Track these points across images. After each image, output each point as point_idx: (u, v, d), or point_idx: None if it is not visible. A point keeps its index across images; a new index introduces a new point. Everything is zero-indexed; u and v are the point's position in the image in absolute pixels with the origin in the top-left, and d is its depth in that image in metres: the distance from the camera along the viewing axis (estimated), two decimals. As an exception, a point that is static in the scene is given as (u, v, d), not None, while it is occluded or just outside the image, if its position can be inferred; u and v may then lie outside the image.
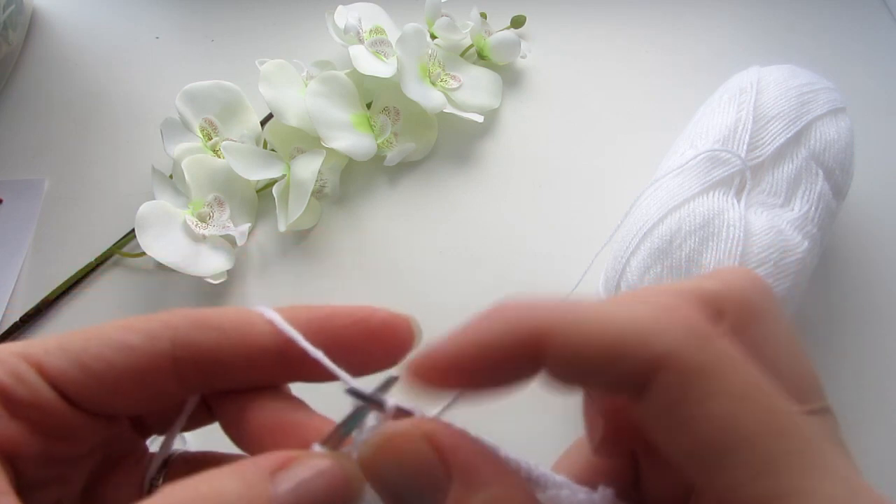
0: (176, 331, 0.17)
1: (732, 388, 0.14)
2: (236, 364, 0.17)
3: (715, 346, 0.14)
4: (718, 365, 0.14)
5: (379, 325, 0.18)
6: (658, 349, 0.14)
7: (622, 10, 0.55)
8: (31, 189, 0.47)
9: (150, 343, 0.17)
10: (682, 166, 0.37)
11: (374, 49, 0.47)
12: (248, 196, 0.45)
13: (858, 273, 0.43)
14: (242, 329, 0.17)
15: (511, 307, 0.16)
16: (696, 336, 0.14)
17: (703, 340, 0.14)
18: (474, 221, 0.45)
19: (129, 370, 0.17)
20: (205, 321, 0.17)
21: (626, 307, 0.15)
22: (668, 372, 0.14)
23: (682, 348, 0.14)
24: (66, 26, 0.56)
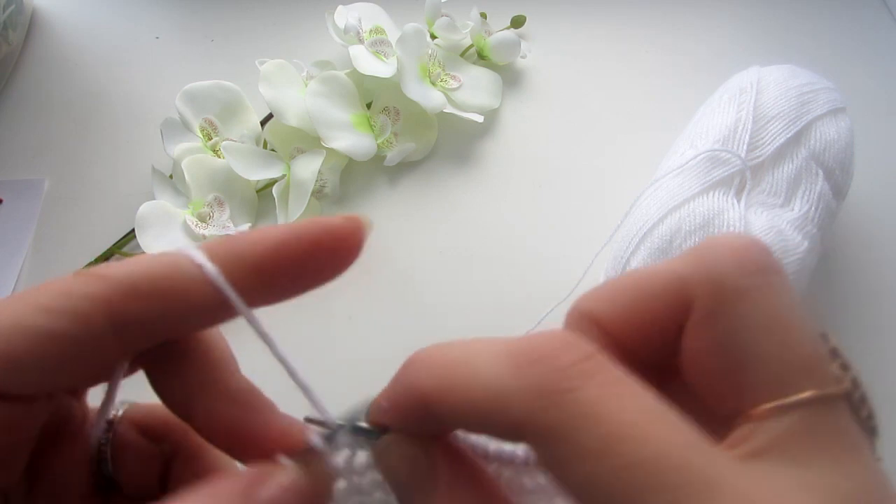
0: (110, 306, 0.15)
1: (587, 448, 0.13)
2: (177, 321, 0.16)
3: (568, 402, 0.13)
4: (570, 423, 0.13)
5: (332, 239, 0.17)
6: (516, 416, 0.14)
7: (622, 10, 0.55)
8: (31, 189, 0.47)
9: (84, 327, 0.15)
10: (682, 166, 0.37)
11: (374, 49, 0.47)
12: (248, 196, 0.45)
13: (858, 273, 0.43)
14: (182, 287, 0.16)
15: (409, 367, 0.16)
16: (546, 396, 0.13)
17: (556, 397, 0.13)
18: (474, 221, 0.45)
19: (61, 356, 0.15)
20: (139, 287, 0.16)
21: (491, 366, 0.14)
22: (531, 437, 0.14)
23: (533, 413, 0.13)
24: (66, 26, 0.56)
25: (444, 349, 0.16)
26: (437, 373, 0.15)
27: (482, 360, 0.15)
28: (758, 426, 0.14)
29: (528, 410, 0.13)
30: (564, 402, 0.13)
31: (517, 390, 0.14)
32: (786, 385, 0.14)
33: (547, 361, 0.14)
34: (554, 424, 0.13)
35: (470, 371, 0.15)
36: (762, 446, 0.14)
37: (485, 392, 0.14)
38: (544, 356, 0.14)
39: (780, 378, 0.14)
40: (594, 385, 0.13)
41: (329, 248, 0.17)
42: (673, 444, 0.13)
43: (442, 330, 0.41)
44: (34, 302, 0.15)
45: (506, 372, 0.14)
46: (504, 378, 0.14)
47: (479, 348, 0.15)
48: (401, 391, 0.16)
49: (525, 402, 0.13)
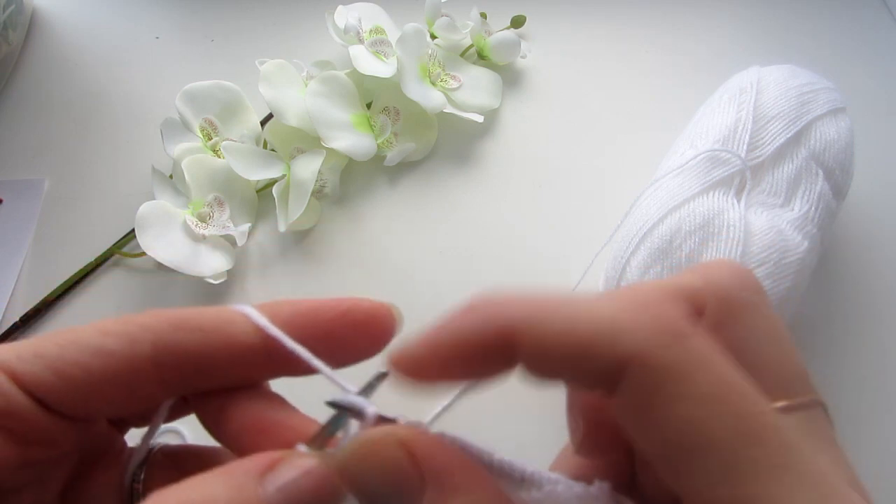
0: (156, 334, 0.17)
1: (700, 391, 0.13)
2: (218, 365, 0.17)
3: (686, 346, 0.14)
4: (687, 365, 0.14)
5: (362, 317, 0.18)
6: (626, 348, 0.14)
7: (622, 10, 0.55)
8: (31, 189, 0.47)
9: (129, 347, 0.16)
10: (682, 166, 0.37)
11: (374, 49, 0.47)
12: (248, 196, 0.45)
13: (858, 273, 0.43)
14: (224, 329, 0.17)
15: (486, 302, 0.16)
16: (667, 334, 0.14)
17: (673, 339, 0.14)
18: (474, 221, 0.45)
19: (108, 375, 0.16)
20: (185, 323, 0.17)
21: (599, 304, 0.15)
22: (637, 371, 0.14)
23: (652, 347, 0.14)
24: (66, 26, 0.56)
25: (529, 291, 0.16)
26: (532, 305, 0.15)
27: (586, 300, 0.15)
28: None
29: (648, 345, 0.14)
30: (685, 345, 0.14)
31: (636, 326, 0.14)
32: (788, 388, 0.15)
33: (662, 307, 0.14)
34: (673, 362, 0.13)
35: (573, 306, 0.15)
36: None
37: (595, 325, 0.14)
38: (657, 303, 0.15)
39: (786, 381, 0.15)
40: (703, 338, 0.14)
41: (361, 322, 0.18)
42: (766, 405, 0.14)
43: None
44: (93, 325, 0.17)
45: (620, 309, 0.14)
46: (618, 314, 0.14)
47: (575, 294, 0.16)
48: (474, 322, 0.15)
49: (644, 337, 0.14)
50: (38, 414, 0.16)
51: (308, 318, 0.18)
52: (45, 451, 0.17)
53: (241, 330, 0.17)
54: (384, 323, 0.18)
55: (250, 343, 0.17)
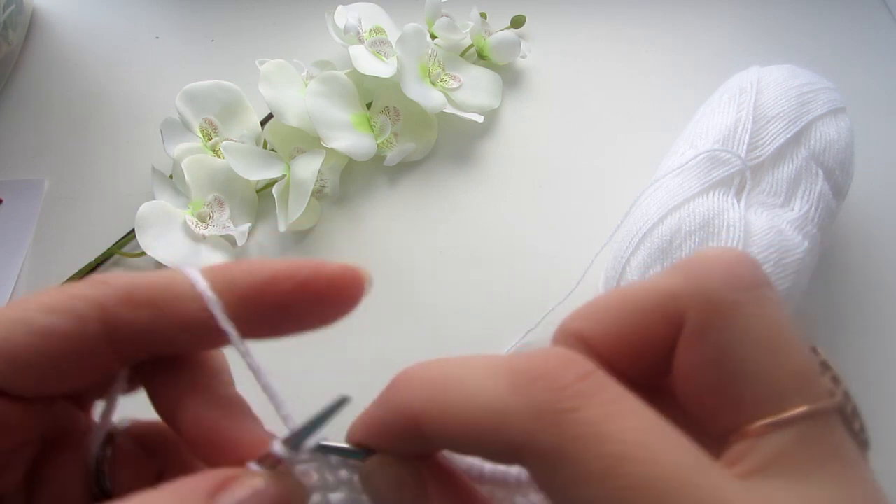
0: (105, 310, 0.16)
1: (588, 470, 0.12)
2: (170, 336, 0.17)
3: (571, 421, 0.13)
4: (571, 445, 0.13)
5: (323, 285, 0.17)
6: (514, 437, 0.13)
7: (622, 10, 0.55)
8: (31, 189, 0.47)
9: (79, 326, 0.16)
10: (682, 166, 0.37)
11: (374, 49, 0.47)
12: (248, 196, 0.45)
13: (858, 273, 0.43)
14: (174, 302, 0.16)
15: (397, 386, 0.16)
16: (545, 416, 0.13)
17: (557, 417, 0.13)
18: (474, 221, 0.45)
19: (59, 355, 0.16)
20: (134, 296, 0.16)
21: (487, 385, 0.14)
22: (529, 457, 0.13)
23: (536, 431, 0.13)
24: (66, 26, 0.56)
25: (435, 366, 0.15)
26: (429, 392, 0.15)
27: (477, 378, 0.14)
28: (754, 443, 0.14)
29: (528, 431, 0.13)
30: (566, 422, 0.13)
31: (516, 410, 0.13)
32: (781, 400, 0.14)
33: (546, 380, 0.14)
34: (555, 446, 0.13)
35: (464, 390, 0.14)
36: (760, 464, 0.13)
37: (480, 412, 0.14)
38: (543, 374, 0.14)
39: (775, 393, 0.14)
40: (595, 404, 0.13)
41: (321, 291, 0.17)
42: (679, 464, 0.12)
43: (442, 329, 0.41)
44: (38, 301, 0.16)
45: (503, 391, 0.14)
46: (501, 397, 0.14)
47: (474, 365, 0.15)
48: (389, 410, 0.16)
49: (524, 422, 0.13)
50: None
51: (264, 288, 0.17)
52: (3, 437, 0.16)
53: (192, 305, 0.16)
54: (349, 290, 0.17)
55: (202, 318, 0.16)
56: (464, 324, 0.41)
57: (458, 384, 0.14)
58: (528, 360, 0.14)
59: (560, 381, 0.13)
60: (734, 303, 0.14)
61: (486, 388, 0.14)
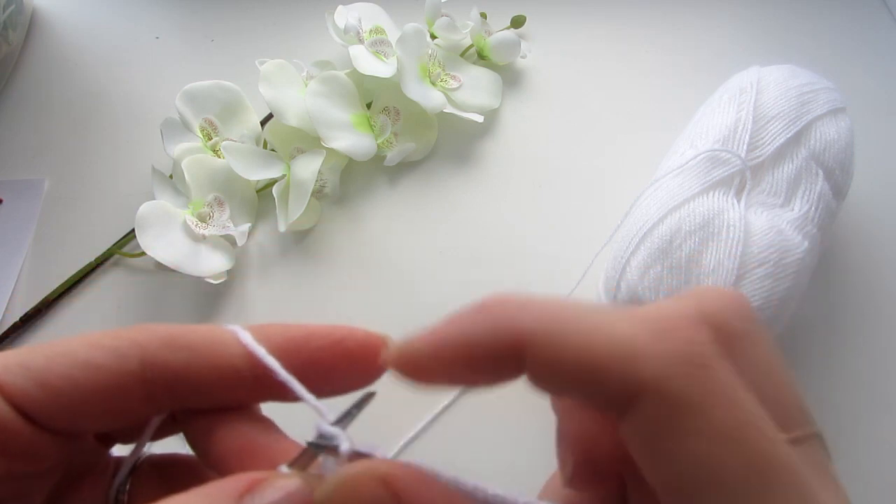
0: (145, 350, 0.16)
1: (717, 426, 0.13)
2: (207, 384, 0.17)
3: (707, 377, 0.13)
4: (707, 399, 0.13)
5: (355, 347, 0.17)
6: (644, 373, 0.13)
7: (622, 10, 0.55)
8: (31, 189, 0.47)
9: (118, 362, 0.16)
10: (682, 166, 0.37)
11: (374, 49, 0.47)
12: (248, 196, 0.45)
13: (858, 273, 0.43)
14: (214, 349, 0.17)
15: (498, 304, 0.15)
16: (689, 364, 0.13)
17: (696, 370, 0.13)
18: (474, 221, 0.45)
19: (95, 390, 0.16)
20: (175, 340, 0.17)
21: (620, 321, 0.14)
22: (652, 399, 0.13)
23: (673, 377, 0.13)
24: (66, 26, 0.56)
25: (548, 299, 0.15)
26: (549, 315, 0.14)
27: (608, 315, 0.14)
28: None
29: (663, 374, 0.13)
30: (706, 376, 0.13)
31: (654, 351, 0.13)
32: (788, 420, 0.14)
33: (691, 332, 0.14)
34: (691, 394, 0.13)
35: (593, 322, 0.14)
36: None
37: (611, 345, 0.14)
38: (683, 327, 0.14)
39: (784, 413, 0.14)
40: (725, 368, 0.14)
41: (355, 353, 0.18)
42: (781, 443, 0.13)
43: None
44: (82, 337, 0.17)
45: (642, 331, 0.14)
46: (639, 336, 0.14)
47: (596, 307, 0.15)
48: (486, 327, 0.15)
49: (662, 364, 0.13)
50: (23, 427, 0.16)
51: (299, 345, 0.17)
52: (28, 464, 0.16)
53: (231, 352, 0.17)
54: (377, 354, 0.17)
55: (239, 366, 0.17)
56: (464, 324, 0.41)
57: (585, 316, 0.14)
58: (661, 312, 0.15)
59: (700, 337, 0.14)
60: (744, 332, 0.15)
61: (621, 325, 0.14)
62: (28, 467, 0.16)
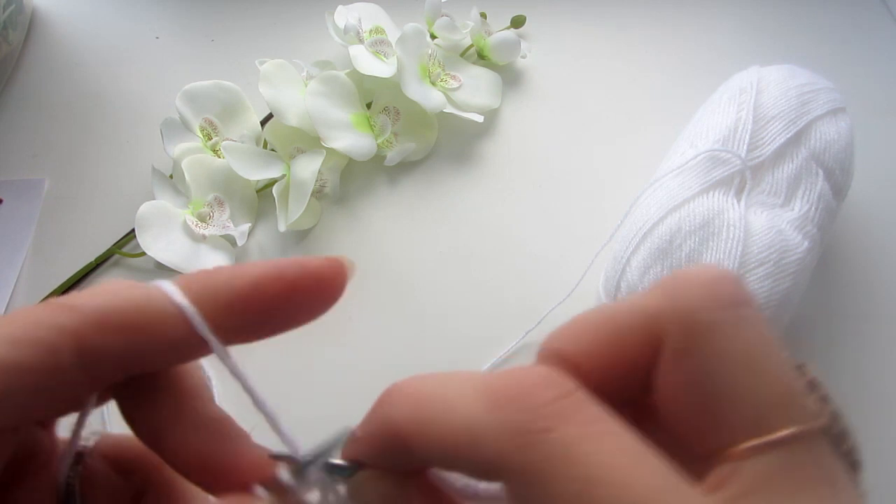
0: (79, 338, 0.15)
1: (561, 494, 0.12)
2: (151, 358, 0.16)
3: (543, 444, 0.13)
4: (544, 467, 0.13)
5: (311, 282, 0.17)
6: (486, 456, 0.13)
7: (622, 10, 0.55)
8: (31, 189, 0.47)
9: (52, 359, 0.15)
10: (682, 166, 0.37)
11: (374, 49, 0.47)
12: (248, 196, 0.45)
13: (858, 273, 0.43)
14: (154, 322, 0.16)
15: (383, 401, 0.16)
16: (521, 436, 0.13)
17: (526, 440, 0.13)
18: (474, 221, 0.45)
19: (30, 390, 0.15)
20: (109, 320, 0.15)
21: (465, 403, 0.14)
22: (504, 478, 0.13)
23: (509, 453, 0.13)
24: (66, 26, 0.56)
25: (421, 381, 0.15)
26: (412, 407, 0.15)
27: (458, 394, 0.14)
28: (737, 466, 0.13)
29: (503, 450, 0.13)
30: (540, 442, 0.13)
31: (492, 429, 0.13)
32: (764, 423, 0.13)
33: (524, 399, 0.13)
34: (528, 466, 0.13)
35: (445, 406, 0.14)
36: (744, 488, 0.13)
37: (459, 429, 0.14)
38: (521, 393, 0.14)
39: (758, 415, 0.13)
40: (572, 424, 0.13)
41: (309, 289, 0.17)
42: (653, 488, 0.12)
43: (442, 329, 0.41)
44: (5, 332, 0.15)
45: (481, 408, 0.14)
46: (479, 415, 0.14)
47: (456, 382, 0.15)
48: (376, 425, 0.16)
49: (499, 441, 0.13)
50: None
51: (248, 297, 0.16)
52: None
53: (169, 321, 0.16)
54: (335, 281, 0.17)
55: (184, 335, 0.16)
56: (464, 324, 0.41)
57: (440, 400, 0.14)
58: (507, 378, 0.14)
59: (536, 401, 0.13)
60: (713, 322, 0.14)
61: (464, 406, 0.14)
62: None
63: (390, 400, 0.16)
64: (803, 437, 0.13)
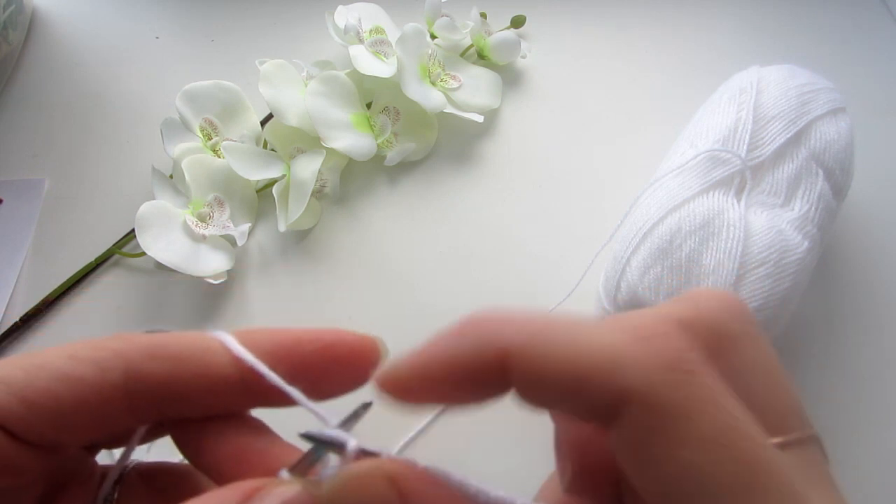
0: (128, 361, 0.16)
1: (704, 434, 0.13)
2: (193, 394, 0.16)
3: (692, 384, 0.13)
4: (692, 405, 0.13)
5: (345, 351, 0.17)
6: (628, 383, 0.13)
7: (622, 10, 0.55)
8: (31, 189, 0.47)
9: (100, 375, 0.16)
10: (682, 166, 0.37)
11: (374, 49, 0.47)
12: (248, 196, 0.45)
13: (858, 273, 0.43)
14: (199, 357, 0.16)
15: (480, 321, 0.15)
16: (673, 371, 0.13)
17: (679, 377, 0.13)
18: (474, 221, 0.45)
19: (78, 404, 0.15)
20: (159, 350, 0.16)
21: (602, 331, 0.14)
22: (638, 409, 0.13)
23: (656, 385, 0.13)
24: (66, 26, 0.56)
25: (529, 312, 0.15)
26: (531, 329, 0.14)
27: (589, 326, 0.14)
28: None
29: (649, 381, 0.13)
30: (691, 382, 0.13)
31: (639, 359, 0.13)
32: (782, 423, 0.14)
33: (674, 339, 0.14)
34: (676, 401, 0.13)
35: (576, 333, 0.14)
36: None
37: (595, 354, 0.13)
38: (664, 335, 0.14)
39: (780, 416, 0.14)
40: (710, 375, 0.14)
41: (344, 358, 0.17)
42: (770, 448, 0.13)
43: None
44: (62, 349, 0.16)
45: (625, 339, 0.14)
46: (623, 344, 0.14)
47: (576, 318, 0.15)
48: (470, 343, 0.15)
49: (647, 372, 0.13)
50: (5, 442, 0.15)
51: (288, 350, 0.17)
52: (11, 479, 0.16)
53: (217, 360, 0.16)
54: (368, 357, 0.17)
55: (226, 373, 0.16)
56: (464, 324, 0.41)
57: (567, 327, 0.14)
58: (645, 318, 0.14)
59: (683, 344, 0.14)
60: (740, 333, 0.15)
61: (602, 335, 0.14)
62: (11, 482, 0.16)
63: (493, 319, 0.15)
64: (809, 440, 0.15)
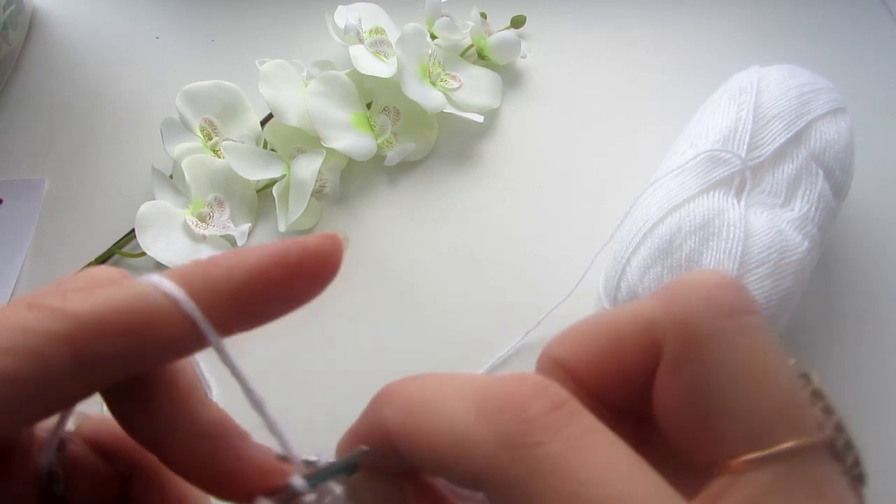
0: (73, 346, 0.14)
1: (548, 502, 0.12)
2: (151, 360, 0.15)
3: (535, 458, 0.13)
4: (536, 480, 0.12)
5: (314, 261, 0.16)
6: (475, 466, 0.13)
7: (622, 10, 0.55)
8: (31, 189, 0.47)
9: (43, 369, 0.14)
10: (682, 166, 0.37)
11: (374, 49, 0.47)
12: (248, 196, 0.45)
13: (858, 273, 0.43)
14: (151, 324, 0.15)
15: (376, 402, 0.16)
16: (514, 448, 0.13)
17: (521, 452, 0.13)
18: (474, 221, 0.45)
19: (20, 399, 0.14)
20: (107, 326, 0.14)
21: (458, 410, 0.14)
22: (488, 488, 0.13)
23: (500, 466, 0.13)
24: (66, 26, 0.56)
25: (413, 384, 0.15)
26: (404, 411, 0.15)
27: (448, 401, 0.14)
28: (736, 479, 0.13)
29: (489, 462, 0.13)
30: (528, 456, 0.13)
31: (480, 439, 0.13)
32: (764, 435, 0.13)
33: (515, 410, 0.13)
34: (514, 480, 0.12)
35: (435, 413, 0.14)
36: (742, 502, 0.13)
37: (448, 437, 0.14)
38: (512, 403, 0.13)
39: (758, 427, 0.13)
40: (562, 438, 0.13)
41: (310, 271, 0.16)
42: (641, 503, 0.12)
43: (442, 329, 0.41)
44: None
45: (471, 418, 0.13)
46: (468, 424, 0.13)
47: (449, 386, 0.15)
48: (368, 426, 0.16)
49: (487, 453, 0.13)
50: None
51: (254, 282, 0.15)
52: None
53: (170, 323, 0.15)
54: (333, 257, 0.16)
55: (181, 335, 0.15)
56: (464, 324, 0.41)
57: (431, 406, 0.14)
58: (500, 387, 0.14)
59: (528, 412, 0.13)
60: (714, 332, 0.14)
61: (454, 413, 0.14)
62: None
63: (382, 402, 0.15)
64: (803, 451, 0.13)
